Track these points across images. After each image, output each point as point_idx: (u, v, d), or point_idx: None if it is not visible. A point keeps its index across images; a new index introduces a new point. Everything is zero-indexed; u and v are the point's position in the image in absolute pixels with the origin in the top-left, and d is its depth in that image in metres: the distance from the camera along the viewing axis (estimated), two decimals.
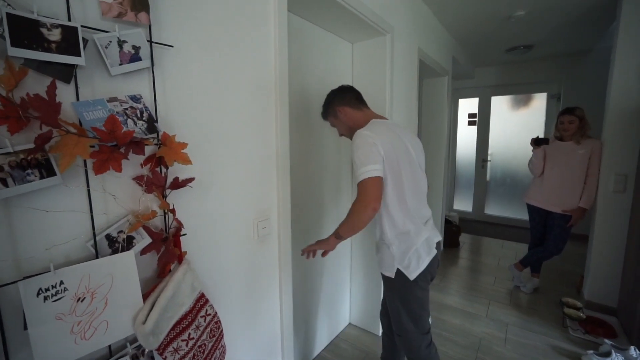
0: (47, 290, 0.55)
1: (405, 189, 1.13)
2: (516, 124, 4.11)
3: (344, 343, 1.94)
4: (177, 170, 0.76)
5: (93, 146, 0.58)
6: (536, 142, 2.32)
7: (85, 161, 0.60)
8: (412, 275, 1.13)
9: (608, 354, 1.69)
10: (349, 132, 1.23)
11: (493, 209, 4.45)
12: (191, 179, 0.76)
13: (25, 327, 0.53)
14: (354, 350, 1.86)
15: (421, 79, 3.01)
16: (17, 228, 0.53)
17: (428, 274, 1.18)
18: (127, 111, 0.66)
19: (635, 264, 1.91)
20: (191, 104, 0.79)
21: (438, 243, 1.22)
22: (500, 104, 4.20)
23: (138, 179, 0.67)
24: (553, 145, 2.29)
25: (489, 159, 4.35)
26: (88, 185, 0.60)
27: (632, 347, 1.71)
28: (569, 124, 2.18)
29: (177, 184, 0.74)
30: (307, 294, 1.69)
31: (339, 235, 1.14)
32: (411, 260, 1.14)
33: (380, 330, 1.99)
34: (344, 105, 1.21)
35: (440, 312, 2.24)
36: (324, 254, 1.19)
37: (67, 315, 0.57)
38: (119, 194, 0.65)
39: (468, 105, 4.46)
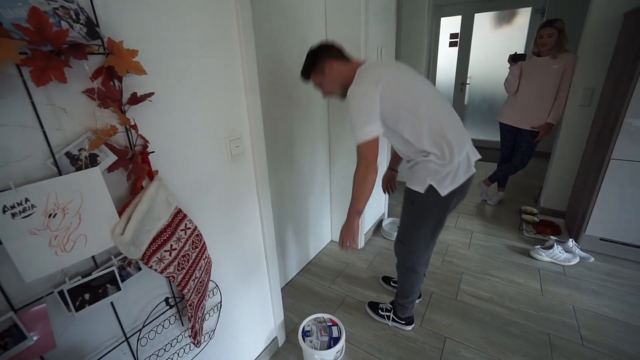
0: (12, 207, 0.54)
1: (432, 105, 1.10)
2: (497, 44, 3.98)
3: (327, 257, 2.13)
4: (134, 86, 0.70)
5: (25, 53, 0.52)
6: (513, 59, 2.30)
7: (20, 71, 0.54)
8: (444, 191, 1.12)
9: (551, 247, 1.96)
10: (340, 89, 1.17)
11: (469, 132, 4.57)
12: (150, 94, 0.71)
13: (0, 242, 0.53)
14: (335, 262, 2.06)
15: None
16: None
17: (458, 195, 1.17)
18: (57, 11, 0.57)
19: (585, 173, 2.10)
20: (136, 10, 0.69)
21: (475, 162, 1.20)
22: (483, 22, 4.00)
23: (89, 92, 0.62)
24: (529, 61, 2.27)
25: (468, 82, 4.30)
26: (31, 98, 0.55)
27: (570, 240, 1.99)
28: (548, 37, 2.13)
29: (136, 99, 0.69)
30: (290, 214, 1.78)
31: (358, 211, 1.18)
32: (448, 176, 1.11)
33: (360, 245, 2.18)
34: (332, 59, 1.14)
35: None
36: (353, 241, 1.24)
37: (42, 230, 0.57)
38: (70, 109, 0.61)
39: (450, 25, 4.22)
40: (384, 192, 1.61)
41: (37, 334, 0.58)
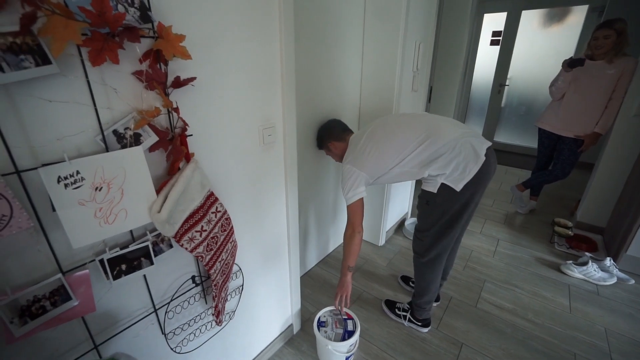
0: (66, 178, 0.58)
1: (395, 125, 1.25)
2: (543, 45, 3.73)
3: None
4: (177, 70, 0.73)
5: (85, 34, 0.55)
6: (570, 64, 2.07)
7: (80, 51, 0.57)
8: (458, 185, 1.11)
9: (585, 264, 1.84)
10: (341, 159, 1.42)
11: (503, 136, 4.37)
12: (193, 78, 0.73)
13: (54, 209, 0.58)
14: None
15: None
16: (24, 117, 0.54)
17: (477, 188, 1.14)
18: None
19: (633, 188, 1.94)
20: None
21: (488, 149, 1.15)
22: (530, 20, 3.75)
23: (137, 74, 0.65)
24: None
25: (507, 83, 4.09)
26: (87, 76, 0.59)
27: (607, 258, 1.86)
28: (604, 39, 1.97)
29: (179, 83, 0.72)
30: (313, 205, 1.80)
31: (350, 268, 1.32)
32: (456, 170, 1.11)
33: (380, 242, 2.17)
34: (332, 140, 1.47)
35: None
36: (347, 297, 1.35)
37: (89, 201, 0.61)
38: (120, 89, 0.64)
39: (493, 23, 4.01)
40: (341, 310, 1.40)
41: (80, 297, 0.63)
